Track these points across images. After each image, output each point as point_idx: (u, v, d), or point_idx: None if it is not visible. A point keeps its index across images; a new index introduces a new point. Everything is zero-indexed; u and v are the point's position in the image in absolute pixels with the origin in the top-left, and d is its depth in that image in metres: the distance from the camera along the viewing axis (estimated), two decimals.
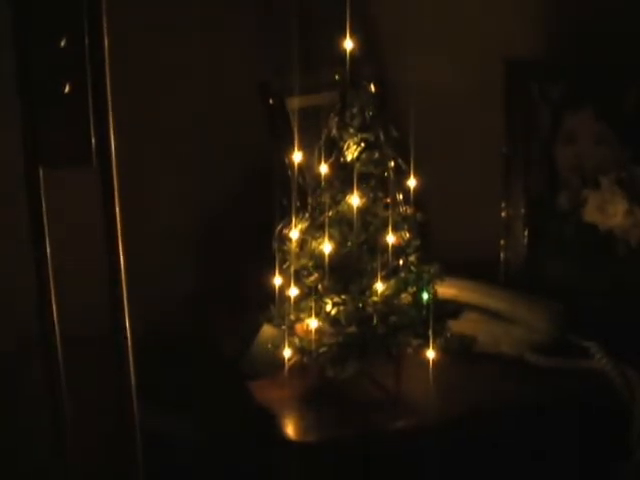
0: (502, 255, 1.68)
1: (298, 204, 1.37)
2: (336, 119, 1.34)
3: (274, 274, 1.37)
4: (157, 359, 1.54)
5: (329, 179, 1.35)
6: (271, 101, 1.57)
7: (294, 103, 1.55)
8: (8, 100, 1.11)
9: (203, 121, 1.65)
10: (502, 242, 1.68)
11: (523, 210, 1.67)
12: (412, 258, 1.37)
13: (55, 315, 1.15)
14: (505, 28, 1.72)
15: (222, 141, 1.67)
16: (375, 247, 1.35)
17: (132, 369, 1.17)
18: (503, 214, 1.68)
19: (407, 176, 1.36)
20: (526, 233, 1.67)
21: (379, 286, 1.34)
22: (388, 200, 1.35)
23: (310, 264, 1.35)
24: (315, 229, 1.35)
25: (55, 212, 1.14)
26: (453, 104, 1.73)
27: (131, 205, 1.18)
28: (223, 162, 1.67)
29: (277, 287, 1.37)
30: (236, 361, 1.46)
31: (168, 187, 1.66)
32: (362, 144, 1.33)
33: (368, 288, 1.34)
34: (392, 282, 1.35)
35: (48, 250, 1.13)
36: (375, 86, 1.36)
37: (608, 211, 1.62)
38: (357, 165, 1.33)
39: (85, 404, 1.28)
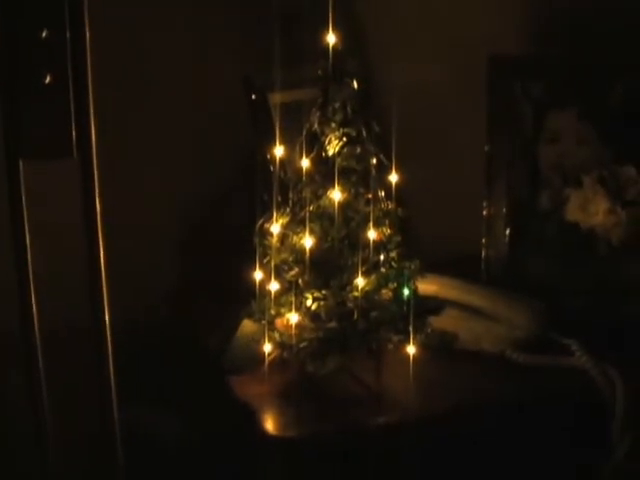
0: (483, 253, 1.67)
1: (279, 199, 1.37)
2: (318, 114, 1.33)
3: (255, 269, 1.37)
4: (140, 354, 1.53)
5: (310, 174, 1.34)
6: (253, 96, 1.57)
7: (276, 98, 1.55)
8: None
9: (187, 115, 1.65)
10: (483, 240, 1.67)
11: (505, 208, 1.67)
12: (393, 254, 1.37)
13: (35, 310, 1.15)
14: (491, 25, 1.72)
15: (206, 135, 1.67)
16: (356, 242, 1.34)
17: (112, 365, 1.16)
18: (485, 212, 1.67)
19: (389, 171, 1.36)
20: (508, 231, 1.67)
21: (360, 281, 1.34)
22: (369, 195, 1.35)
23: (291, 259, 1.34)
24: (296, 224, 1.35)
25: (36, 205, 1.13)
26: (437, 101, 1.74)
27: (115, 200, 1.18)
28: (208, 156, 1.67)
29: (258, 282, 1.37)
30: (220, 355, 1.45)
31: (152, 181, 1.65)
32: (344, 139, 1.33)
33: (349, 283, 1.34)
34: (373, 278, 1.35)
35: (28, 244, 1.13)
36: (358, 82, 1.36)
37: (590, 210, 1.62)
38: (338, 160, 1.33)
39: (66, 400, 1.27)
